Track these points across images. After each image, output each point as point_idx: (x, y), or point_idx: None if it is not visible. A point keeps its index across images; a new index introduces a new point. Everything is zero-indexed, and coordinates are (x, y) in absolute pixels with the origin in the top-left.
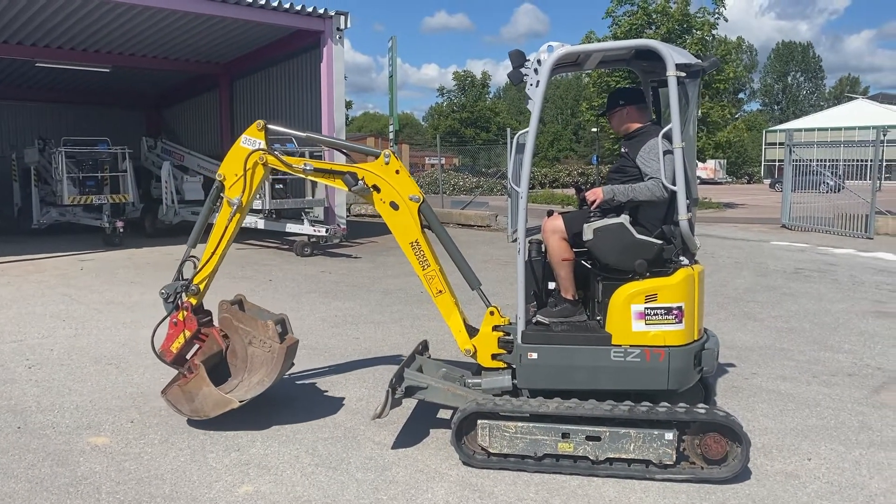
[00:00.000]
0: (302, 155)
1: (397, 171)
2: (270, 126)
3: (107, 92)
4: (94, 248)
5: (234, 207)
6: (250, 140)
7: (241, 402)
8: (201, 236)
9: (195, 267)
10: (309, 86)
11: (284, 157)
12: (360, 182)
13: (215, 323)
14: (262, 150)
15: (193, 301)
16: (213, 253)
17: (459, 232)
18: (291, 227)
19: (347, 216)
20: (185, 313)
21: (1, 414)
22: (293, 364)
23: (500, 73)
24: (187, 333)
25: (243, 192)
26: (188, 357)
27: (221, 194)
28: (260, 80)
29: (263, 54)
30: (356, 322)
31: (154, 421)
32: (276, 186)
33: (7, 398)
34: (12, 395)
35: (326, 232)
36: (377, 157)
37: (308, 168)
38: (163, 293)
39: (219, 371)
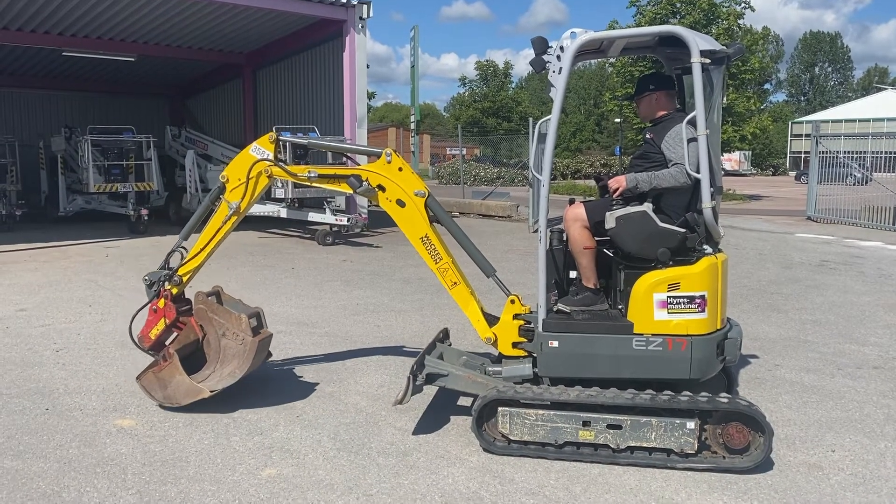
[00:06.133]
0: None
1: (400, 169)
2: (281, 138)
3: (132, 81)
4: (119, 235)
5: (231, 211)
6: (259, 150)
7: (211, 391)
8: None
9: (182, 258)
10: (331, 75)
11: (289, 167)
12: (364, 183)
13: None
14: (269, 161)
15: (174, 290)
16: (202, 249)
17: (480, 222)
18: (314, 216)
19: (369, 206)
20: (165, 301)
21: (30, 396)
22: (270, 355)
23: (520, 63)
24: (166, 321)
25: (243, 198)
26: (166, 344)
27: (221, 196)
28: (283, 69)
29: (286, 44)
30: (377, 310)
31: None
32: None
33: (35, 381)
34: (40, 378)
35: (348, 221)
36: (379, 156)
37: (313, 175)
38: (146, 280)
39: (195, 360)
